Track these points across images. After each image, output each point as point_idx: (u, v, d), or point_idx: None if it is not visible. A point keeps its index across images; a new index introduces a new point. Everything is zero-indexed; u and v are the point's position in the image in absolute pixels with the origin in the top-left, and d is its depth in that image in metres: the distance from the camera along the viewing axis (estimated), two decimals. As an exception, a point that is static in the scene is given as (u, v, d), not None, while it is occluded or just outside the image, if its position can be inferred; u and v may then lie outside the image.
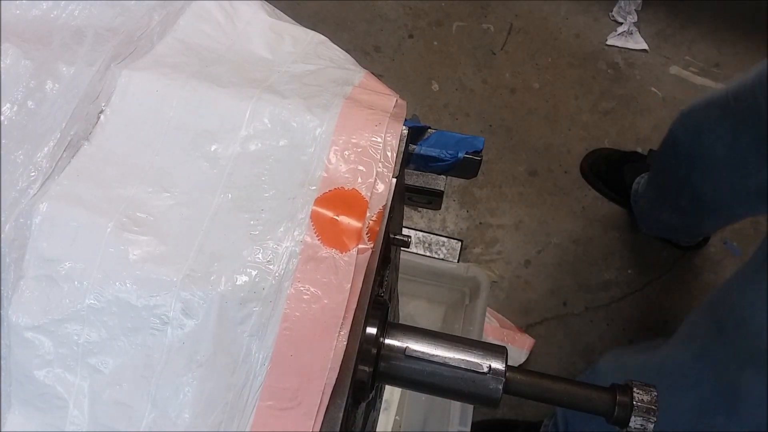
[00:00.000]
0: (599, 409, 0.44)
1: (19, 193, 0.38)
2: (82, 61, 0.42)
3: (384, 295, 0.50)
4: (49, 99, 0.41)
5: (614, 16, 1.84)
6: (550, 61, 1.78)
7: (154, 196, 0.39)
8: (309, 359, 0.36)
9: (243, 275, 0.37)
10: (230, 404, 0.36)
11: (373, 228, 0.39)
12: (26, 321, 0.36)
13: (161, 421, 0.36)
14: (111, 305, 0.36)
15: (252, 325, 0.36)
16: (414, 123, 0.49)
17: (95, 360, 0.36)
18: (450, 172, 0.52)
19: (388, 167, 0.41)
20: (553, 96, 1.73)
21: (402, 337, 0.45)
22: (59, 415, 0.37)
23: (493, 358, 0.44)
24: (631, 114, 1.73)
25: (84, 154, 0.40)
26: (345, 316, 0.37)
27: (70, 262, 0.37)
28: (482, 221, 1.59)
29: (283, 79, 0.44)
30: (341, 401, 0.38)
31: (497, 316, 1.48)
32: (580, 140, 1.69)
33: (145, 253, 0.37)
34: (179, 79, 0.42)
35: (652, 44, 1.81)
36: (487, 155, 1.46)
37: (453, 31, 1.80)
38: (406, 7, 1.81)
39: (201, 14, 0.48)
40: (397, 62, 1.75)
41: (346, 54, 0.50)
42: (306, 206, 0.39)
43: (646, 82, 1.77)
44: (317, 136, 0.41)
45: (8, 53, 0.41)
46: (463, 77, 1.74)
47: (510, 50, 1.78)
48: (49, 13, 0.45)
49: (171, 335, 0.36)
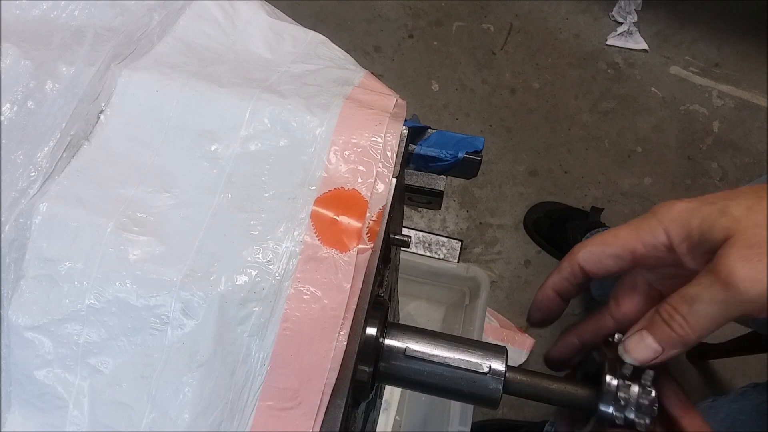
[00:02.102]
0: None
1: (19, 193, 0.38)
2: (82, 61, 0.42)
3: (384, 295, 0.50)
4: (49, 99, 0.41)
5: (614, 16, 1.84)
6: (550, 61, 1.78)
7: (154, 196, 0.39)
8: (309, 359, 0.36)
9: (243, 275, 0.37)
10: (230, 404, 0.36)
11: (373, 228, 0.39)
12: (26, 321, 0.36)
13: (161, 421, 0.36)
14: (111, 305, 0.36)
15: (252, 325, 0.36)
16: (414, 123, 0.49)
17: (95, 360, 0.36)
18: (450, 172, 0.52)
19: (388, 167, 0.41)
20: (553, 96, 1.74)
21: (402, 337, 0.45)
22: (59, 415, 0.37)
23: (493, 358, 0.44)
24: (631, 114, 1.73)
25: (84, 154, 0.40)
26: (345, 316, 0.37)
27: (70, 262, 0.37)
28: (482, 221, 1.59)
29: (283, 79, 0.44)
30: (341, 401, 0.38)
31: (497, 316, 1.48)
32: (580, 140, 1.69)
33: (145, 253, 0.37)
34: (179, 79, 0.42)
35: (652, 44, 1.81)
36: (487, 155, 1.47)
37: (453, 31, 1.80)
38: (406, 7, 1.81)
39: (201, 14, 0.48)
40: (397, 62, 1.75)
41: (346, 54, 0.50)
42: (306, 206, 0.39)
43: (646, 82, 1.77)
44: (317, 136, 0.41)
45: (8, 53, 0.41)
46: (463, 77, 1.74)
47: (510, 50, 1.78)
48: (49, 13, 0.45)
49: (171, 335, 0.36)
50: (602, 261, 0.44)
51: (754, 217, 0.38)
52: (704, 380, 1.44)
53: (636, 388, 0.41)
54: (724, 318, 0.38)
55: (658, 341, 0.40)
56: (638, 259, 0.43)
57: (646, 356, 0.40)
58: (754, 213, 0.38)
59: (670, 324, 0.39)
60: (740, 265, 0.37)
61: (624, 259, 0.43)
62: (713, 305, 0.38)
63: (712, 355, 1.39)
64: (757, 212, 0.38)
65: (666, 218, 0.42)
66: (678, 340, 0.39)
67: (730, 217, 0.39)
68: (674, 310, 0.39)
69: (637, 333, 0.41)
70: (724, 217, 0.39)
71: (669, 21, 1.85)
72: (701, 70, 1.79)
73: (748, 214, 0.38)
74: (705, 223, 0.40)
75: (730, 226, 0.38)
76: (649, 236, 0.42)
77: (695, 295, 0.38)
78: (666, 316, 0.40)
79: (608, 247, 0.44)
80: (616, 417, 0.41)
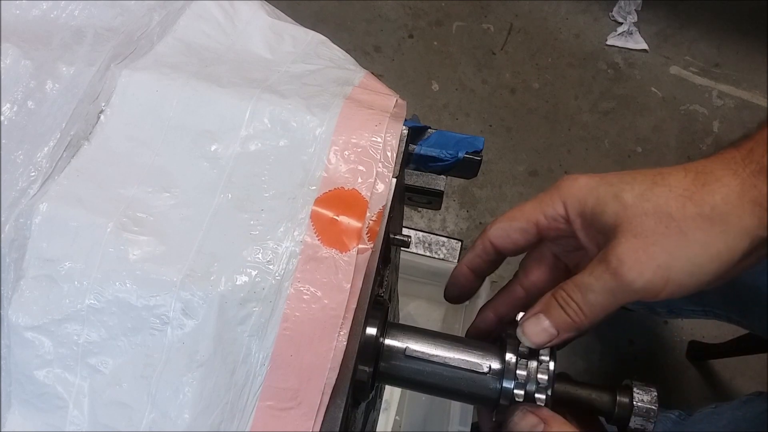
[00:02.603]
0: (599, 409, 0.44)
1: (19, 193, 0.38)
2: (82, 61, 0.42)
3: (384, 295, 0.50)
4: (49, 99, 0.41)
5: (614, 16, 1.83)
6: (550, 61, 1.78)
7: (154, 196, 0.39)
8: (309, 359, 0.36)
9: (243, 275, 0.37)
10: (230, 404, 0.36)
11: (373, 228, 0.39)
12: (26, 321, 0.36)
13: (161, 421, 0.36)
14: (111, 305, 0.36)
15: (252, 325, 0.36)
16: (414, 123, 0.49)
17: (95, 360, 0.36)
18: (450, 172, 0.52)
19: (388, 167, 0.41)
20: (553, 96, 1.73)
21: (402, 337, 0.45)
22: (59, 415, 0.37)
23: (493, 358, 0.44)
24: (631, 114, 1.73)
25: (84, 154, 0.40)
26: (345, 316, 0.37)
27: (69, 262, 0.37)
28: (482, 221, 1.59)
29: (283, 79, 0.44)
30: (341, 401, 0.38)
31: (497, 316, 1.47)
32: (580, 140, 1.69)
33: (145, 253, 0.37)
34: (179, 79, 0.42)
35: (652, 44, 1.81)
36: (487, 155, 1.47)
37: (453, 31, 1.80)
38: (406, 7, 1.81)
39: (201, 14, 0.48)
40: (397, 62, 1.75)
41: (346, 54, 0.50)
42: (306, 206, 0.39)
43: (646, 82, 1.77)
44: (317, 136, 0.41)
45: (8, 53, 0.41)
46: (463, 77, 1.74)
47: (510, 50, 1.78)
48: (49, 13, 0.45)
49: (171, 335, 0.36)
50: (510, 235, 0.46)
51: (643, 206, 0.39)
52: (704, 380, 1.44)
53: (534, 364, 0.42)
54: (614, 305, 0.40)
55: (554, 325, 0.41)
56: (542, 231, 0.44)
57: (542, 339, 0.42)
58: (644, 201, 0.39)
59: (565, 309, 0.41)
60: (627, 255, 0.39)
61: (530, 232, 0.45)
62: (604, 294, 0.40)
63: (712, 355, 1.39)
64: (647, 200, 0.39)
65: (565, 192, 0.43)
66: (572, 325, 0.41)
67: (621, 202, 0.40)
68: (569, 296, 0.41)
69: (534, 316, 0.42)
70: (616, 202, 0.40)
71: (669, 21, 1.85)
72: (701, 70, 1.79)
73: (638, 202, 0.39)
74: (598, 205, 0.41)
75: (620, 212, 0.40)
76: (550, 208, 0.44)
77: (588, 285, 0.40)
78: (562, 302, 0.41)
79: (514, 222, 0.45)
80: (516, 394, 0.42)
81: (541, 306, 0.42)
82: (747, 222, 0.38)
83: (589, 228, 0.42)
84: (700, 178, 0.40)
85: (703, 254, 0.38)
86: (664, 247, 0.38)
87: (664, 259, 0.38)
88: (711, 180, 0.39)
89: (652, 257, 0.38)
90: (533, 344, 0.42)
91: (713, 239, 0.38)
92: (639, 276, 0.38)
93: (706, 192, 0.39)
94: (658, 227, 0.39)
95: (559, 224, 0.44)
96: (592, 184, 0.42)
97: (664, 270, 0.38)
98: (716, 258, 0.38)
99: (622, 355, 1.44)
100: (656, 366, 1.42)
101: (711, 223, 0.38)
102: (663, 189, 0.40)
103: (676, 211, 0.39)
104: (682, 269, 0.38)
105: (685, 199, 0.39)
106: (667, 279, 0.38)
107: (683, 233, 0.38)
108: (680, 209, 0.39)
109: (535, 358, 0.42)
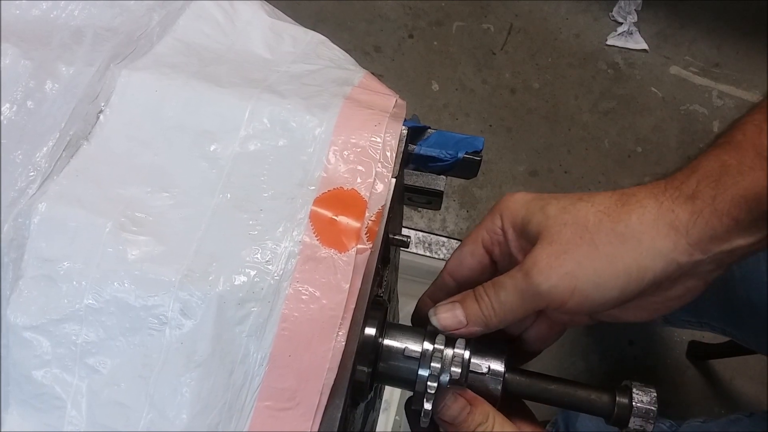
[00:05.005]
0: (598, 409, 0.44)
1: (18, 193, 0.38)
2: (82, 61, 0.42)
3: (383, 296, 0.50)
4: (48, 99, 0.41)
5: (614, 16, 1.83)
6: (550, 61, 1.78)
7: (153, 196, 0.39)
8: (307, 359, 0.36)
9: (241, 275, 0.37)
10: (228, 404, 0.36)
11: (372, 228, 0.39)
12: (24, 321, 0.36)
13: (159, 421, 0.36)
14: (109, 305, 0.36)
15: (250, 325, 0.36)
16: (414, 123, 0.49)
17: (93, 360, 0.36)
18: (450, 172, 0.52)
19: (387, 167, 0.41)
20: (553, 96, 1.73)
21: (401, 337, 0.45)
22: (57, 416, 0.37)
23: (492, 358, 0.44)
24: (631, 114, 1.73)
25: (83, 154, 0.40)
26: (344, 317, 0.37)
27: (68, 262, 0.37)
28: (482, 221, 1.59)
29: (282, 79, 0.44)
30: (340, 402, 0.38)
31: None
32: (580, 140, 1.69)
33: (144, 253, 0.37)
34: (179, 79, 0.42)
35: (652, 44, 1.81)
36: (487, 155, 1.47)
37: (453, 31, 1.80)
38: (406, 7, 1.81)
39: (201, 14, 0.48)
40: (397, 62, 1.75)
41: (346, 54, 0.50)
42: (305, 206, 0.39)
43: (646, 82, 1.77)
44: (316, 136, 0.41)
45: (8, 53, 0.41)
46: (463, 77, 1.74)
47: (510, 50, 1.78)
48: (48, 13, 0.45)
49: (169, 335, 0.36)
50: (462, 262, 0.48)
51: (563, 217, 0.42)
52: (704, 380, 1.44)
53: (450, 352, 0.43)
54: (522, 308, 0.42)
55: (465, 315, 0.43)
56: (487, 246, 0.47)
57: (450, 324, 0.44)
58: (565, 213, 0.42)
59: (479, 302, 0.43)
60: (540, 259, 0.41)
61: (477, 252, 0.47)
62: (514, 294, 0.41)
63: (712, 355, 1.39)
64: (568, 212, 0.42)
65: (503, 206, 0.46)
66: (482, 319, 0.43)
67: (545, 213, 0.42)
68: (485, 292, 0.43)
69: (450, 303, 0.44)
70: (541, 213, 0.43)
71: (669, 21, 1.85)
72: (701, 70, 1.79)
73: (560, 214, 0.42)
74: (527, 216, 0.43)
75: (542, 221, 0.42)
76: (490, 223, 0.46)
77: (502, 283, 0.42)
78: (477, 296, 0.43)
79: (464, 246, 0.48)
80: (428, 386, 0.42)
81: (460, 297, 0.45)
82: (660, 244, 0.40)
83: (519, 238, 0.45)
84: (622, 199, 0.42)
85: (610, 268, 0.40)
86: (574, 256, 0.40)
87: (571, 267, 0.40)
88: (632, 201, 0.41)
89: (561, 264, 0.40)
90: (440, 326, 0.44)
91: (622, 255, 0.40)
92: (546, 280, 0.40)
93: (624, 211, 0.41)
94: (573, 237, 0.41)
95: (498, 237, 0.46)
96: (526, 199, 0.45)
97: (571, 278, 0.40)
98: (623, 274, 0.40)
99: (621, 355, 1.44)
100: (656, 366, 1.42)
101: (622, 240, 0.40)
102: (585, 204, 0.42)
103: (592, 225, 0.41)
104: (588, 280, 0.40)
105: (603, 215, 0.41)
106: (573, 288, 0.40)
107: (594, 245, 0.40)
108: (596, 224, 0.41)
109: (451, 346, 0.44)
